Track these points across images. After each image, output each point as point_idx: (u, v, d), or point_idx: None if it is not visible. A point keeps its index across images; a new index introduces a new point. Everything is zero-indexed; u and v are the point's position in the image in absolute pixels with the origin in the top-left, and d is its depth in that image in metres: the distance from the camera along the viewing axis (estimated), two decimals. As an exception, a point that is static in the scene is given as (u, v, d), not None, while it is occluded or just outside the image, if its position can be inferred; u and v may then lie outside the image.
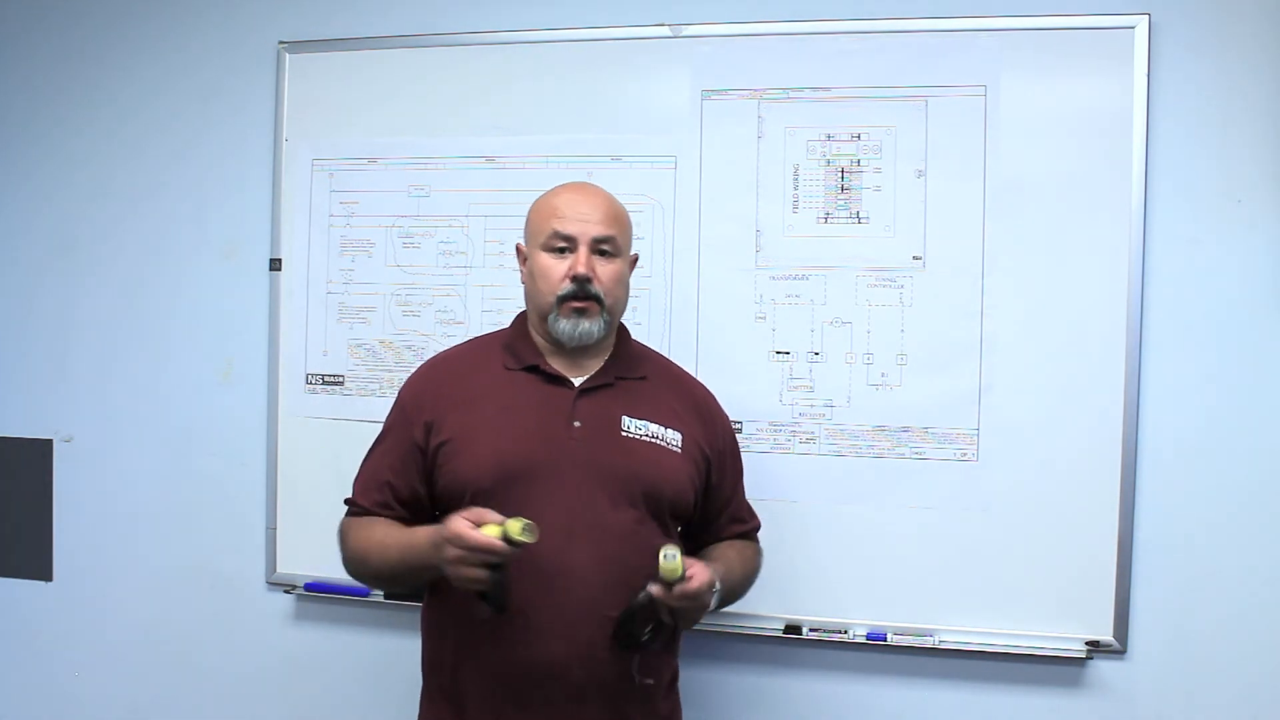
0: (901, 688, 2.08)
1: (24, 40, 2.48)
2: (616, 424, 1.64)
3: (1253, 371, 1.96)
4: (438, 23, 2.25)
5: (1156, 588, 1.98)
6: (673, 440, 1.67)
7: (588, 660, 1.56)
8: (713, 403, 1.81)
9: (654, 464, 1.64)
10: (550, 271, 1.63)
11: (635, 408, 1.67)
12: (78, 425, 2.45)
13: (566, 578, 1.55)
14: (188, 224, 2.39)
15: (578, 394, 1.66)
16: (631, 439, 1.65)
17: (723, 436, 1.79)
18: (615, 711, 1.60)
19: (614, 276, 1.65)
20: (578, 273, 1.61)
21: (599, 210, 1.66)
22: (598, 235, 1.64)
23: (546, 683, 1.56)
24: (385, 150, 2.26)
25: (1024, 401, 2.00)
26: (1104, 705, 2.01)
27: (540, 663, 1.56)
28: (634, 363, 1.74)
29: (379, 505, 1.66)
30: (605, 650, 1.56)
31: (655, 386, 1.73)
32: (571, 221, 1.63)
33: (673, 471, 1.66)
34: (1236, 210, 1.97)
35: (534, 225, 1.69)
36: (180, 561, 2.39)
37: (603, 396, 1.67)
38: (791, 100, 2.09)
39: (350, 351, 2.26)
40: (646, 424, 1.66)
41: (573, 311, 1.62)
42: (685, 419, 1.71)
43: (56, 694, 2.46)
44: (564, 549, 1.55)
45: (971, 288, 2.02)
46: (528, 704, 1.58)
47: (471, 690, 1.61)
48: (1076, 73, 2.00)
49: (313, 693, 2.31)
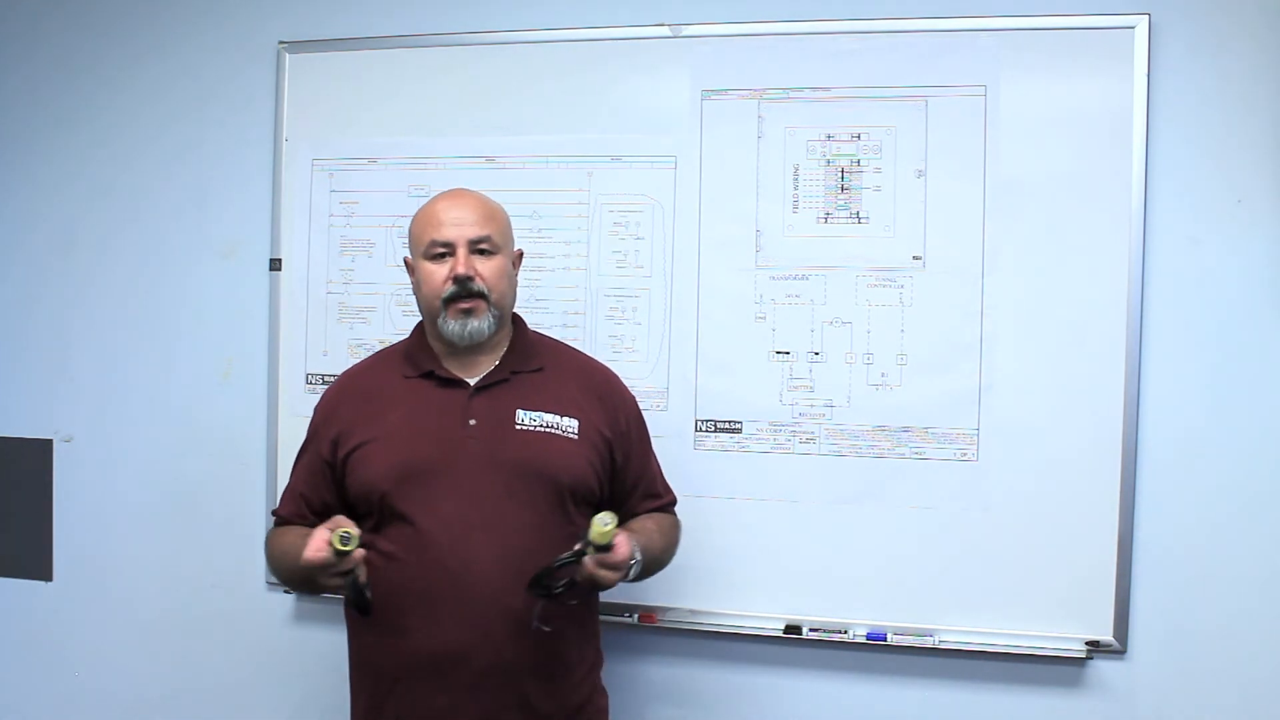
0: (901, 688, 2.08)
1: (24, 41, 2.48)
2: (510, 418, 1.71)
3: (1253, 371, 1.96)
4: (438, 23, 2.25)
5: (1156, 588, 1.98)
6: (569, 427, 1.73)
7: (488, 647, 1.63)
8: (615, 384, 1.86)
9: (549, 453, 1.69)
10: (433, 277, 1.70)
11: (530, 400, 1.73)
12: (78, 425, 2.46)
13: (468, 571, 1.63)
14: (188, 224, 2.39)
15: (472, 393, 1.72)
16: (526, 431, 1.70)
17: (625, 417, 1.82)
18: (516, 693, 1.66)
19: (496, 271, 1.71)
20: (458, 273, 1.68)
21: (473, 213, 1.72)
22: (473, 236, 1.70)
23: (450, 669, 1.63)
24: (385, 150, 2.26)
25: (1024, 401, 2.00)
26: (1104, 705, 2.01)
27: (443, 651, 1.63)
28: (530, 355, 1.79)
29: (295, 515, 1.77)
30: (506, 637, 1.63)
31: (552, 375, 1.78)
32: (447, 227, 1.70)
33: (569, 458, 1.71)
34: (1236, 210, 1.97)
35: (414, 237, 1.76)
36: (180, 561, 2.39)
37: (497, 393, 1.73)
38: (791, 100, 2.09)
39: (350, 351, 2.26)
40: (541, 415, 1.72)
41: (460, 312, 1.69)
42: (584, 405, 1.76)
43: (57, 694, 2.46)
44: (464, 543, 1.63)
45: (971, 288, 2.02)
46: (435, 690, 1.65)
47: (384, 678, 1.69)
48: (1076, 73, 2.00)
49: (313, 693, 2.31)
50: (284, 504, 1.81)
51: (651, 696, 2.17)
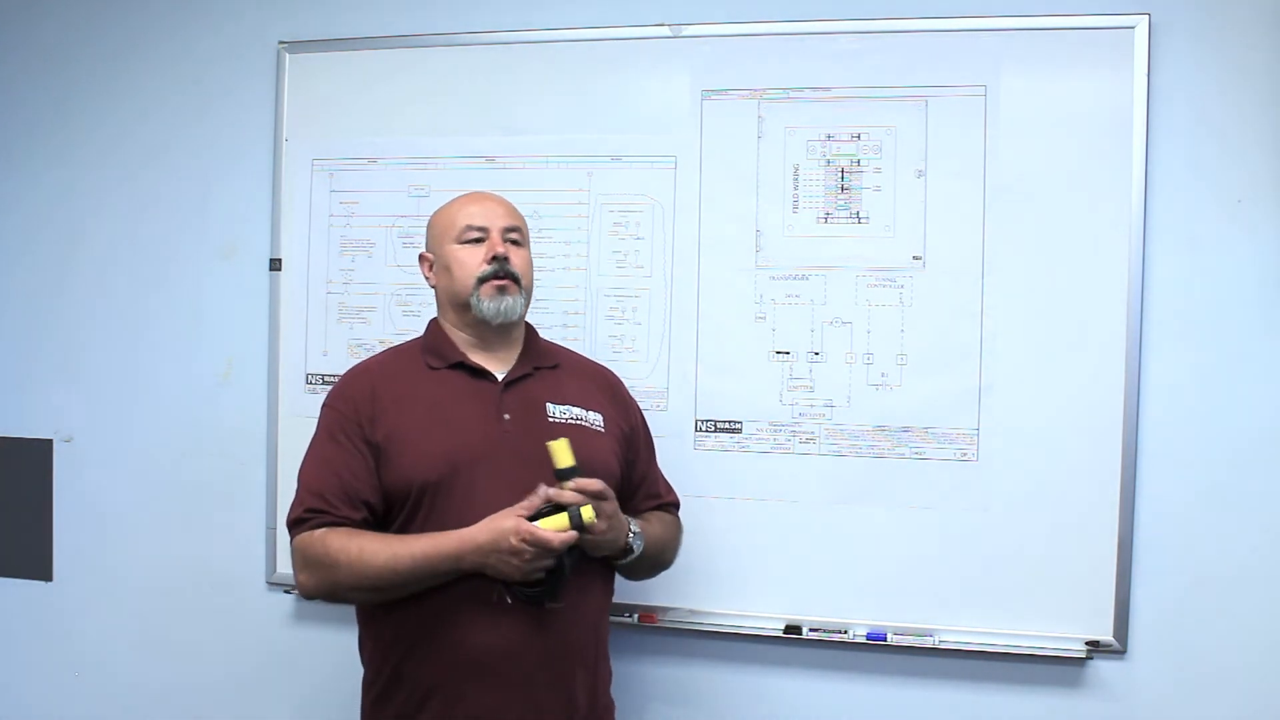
0: (901, 688, 2.08)
1: (24, 41, 2.48)
2: (543, 412, 1.71)
3: (1253, 371, 1.96)
4: (438, 23, 2.25)
5: (1156, 588, 1.98)
6: (595, 421, 1.74)
7: (537, 643, 1.60)
8: (621, 386, 1.89)
9: (582, 445, 1.67)
10: (468, 259, 1.72)
11: (557, 394, 1.74)
12: (78, 425, 2.45)
13: None
14: (188, 224, 2.39)
15: (502, 387, 1.71)
16: (558, 424, 1.70)
17: (634, 417, 1.86)
18: (564, 688, 1.64)
19: (525, 261, 1.76)
20: (497, 252, 1.71)
21: (503, 206, 1.78)
22: (506, 225, 1.75)
23: (501, 668, 1.60)
24: (385, 150, 2.26)
25: (1024, 401, 2.00)
26: (1104, 705, 2.01)
27: (493, 649, 1.59)
28: (544, 354, 1.80)
29: (351, 511, 1.63)
30: (554, 631, 1.61)
31: (569, 373, 1.80)
32: (481, 215, 1.74)
33: (600, 451, 1.71)
34: (1236, 210, 1.97)
35: (442, 227, 1.77)
36: (180, 561, 2.39)
37: (526, 387, 1.73)
38: (791, 100, 2.09)
39: (350, 351, 2.26)
40: (570, 408, 1.73)
41: (496, 290, 1.70)
42: (601, 401, 1.79)
43: (57, 694, 2.46)
44: None
45: (971, 288, 2.02)
46: (484, 690, 1.60)
47: (420, 686, 1.62)
48: (1076, 73, 2.00)
49: (313, 693, 2.31)
50: (324, 500, 1.62)
51: (652, 696, 2.17)
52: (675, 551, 1.87)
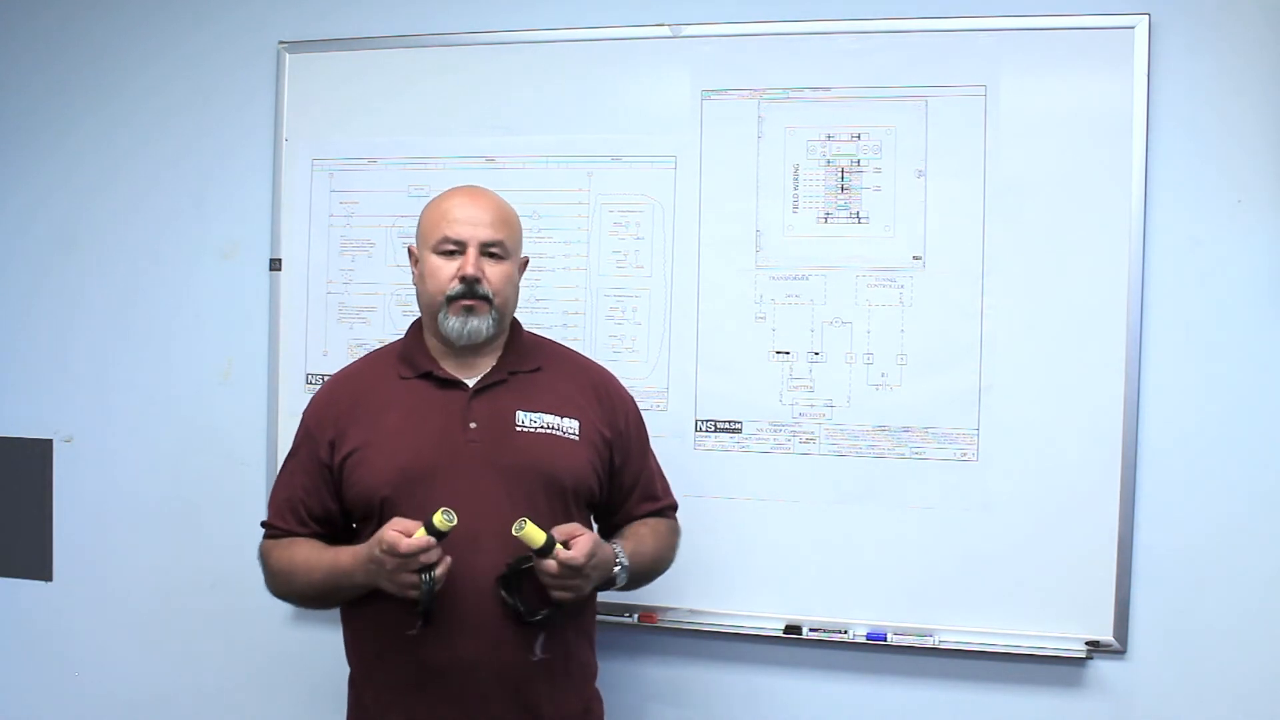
0: (901, 688, 2.08)
1: (24, 40, 2.48)
2: (510, 420, 1.68)
3: (1253, 371, 1.96)
4: (438, 23, 2.25)
5: (1156, 588, 1.98)
6: (569, 429, 1.70)
7: (497, 656, 1.60)
8: (613, 384, 1.82)
9: (550, 455, 1.66)
10: (439, 272, 1.67)
11: (530, 401, 1.70)
12: (78, 425, 2.46)
13: (473, 579, 1.58)
14: (188, 224, 2.39)
15: (471, 395, 1.69)
16: (527, 433, 1.67)
17: (624, 416, 1.80)
18: (525, 701, 1.63)
19: (503, 277, 1.69)
20: (466, 273, 1.65)
21: (488, 214, 1.69)
22: (486, 239, 1.67)
23: (456, 681, 1.60)
24: (385, 150, 2.26)
25: (1024, 401, 2.00)
26: (1104, 705, 2.01)
27: (451, 660, 1.59)
28: (527, 355, 1.76)
29: (295, 525, 1.71)
30: (513, 648, 1.60)
31: (551, 376, 1.75)
32: (461, 225, 1.67)
33: (570, 459, 1.68)
34: (1236, 210, 1.97)
35: (425, 229, 1.72)
36: (180, 561, 2.39)
37: (496, 394, 1.70)
38: (791, 100, 2.09)
39: (350, 351, 2.26)
40: (542, 416, 1.69)
41: (462, 310, 1.66)
42: (583, 404, 1.74)
43: (57, 694, 2.46)
44: (468, 551, 1.57)
45: (971, 288, 2.02)
46: (440, 700, 1.61)
47: (385, 690, 1.65)
48: (1076, 73, 2.00)
49: (312, 693, 2.31)
50: (277, 514, 1.73)
51: (651, 696, 2.17)
52: (670, 559, 1.84)
